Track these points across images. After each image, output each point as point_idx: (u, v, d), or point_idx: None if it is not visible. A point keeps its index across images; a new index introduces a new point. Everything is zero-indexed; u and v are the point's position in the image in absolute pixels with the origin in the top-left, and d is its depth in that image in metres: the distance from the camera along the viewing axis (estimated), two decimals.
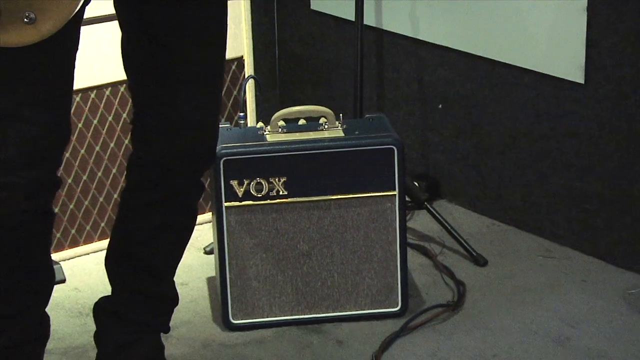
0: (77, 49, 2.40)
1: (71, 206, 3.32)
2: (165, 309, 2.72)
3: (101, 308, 2.69)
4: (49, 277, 2.55)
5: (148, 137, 2.54)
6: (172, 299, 2.72)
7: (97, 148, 3.33)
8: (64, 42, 2.33)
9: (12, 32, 2.24)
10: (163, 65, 2.47)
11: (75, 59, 2.40)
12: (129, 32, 2.51)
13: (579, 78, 3.24)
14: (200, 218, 3.47)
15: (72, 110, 3.20)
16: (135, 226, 2.61)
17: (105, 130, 3.32)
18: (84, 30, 2.53)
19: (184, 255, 3.35)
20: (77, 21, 2.34)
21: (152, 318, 2.68)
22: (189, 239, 2.68)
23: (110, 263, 2.66)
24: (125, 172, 2.65)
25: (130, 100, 2.63)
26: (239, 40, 3.53)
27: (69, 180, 3.30)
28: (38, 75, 2.32)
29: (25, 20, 2.23)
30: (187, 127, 2.50)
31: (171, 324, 2.97)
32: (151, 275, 2.64)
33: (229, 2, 3.44)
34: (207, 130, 2.55)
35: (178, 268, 3.29)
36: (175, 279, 3.24)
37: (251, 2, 3.55)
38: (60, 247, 3.33)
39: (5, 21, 2.23)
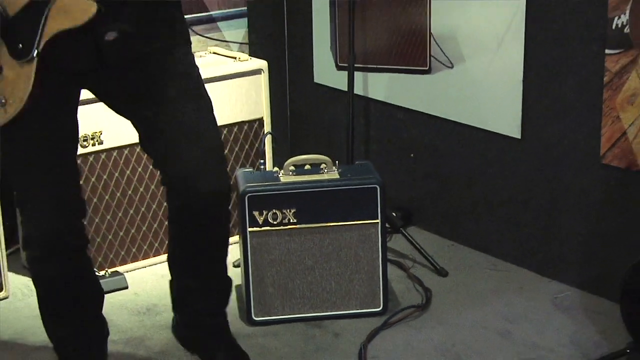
0: (73, 121, 2.29)
1: (132, 231, 3.31)
2: (218, 296, 2.60)
3: (172, 288, 2.60)
4: (97, 294, 2.50)
5: (177, 195, 2.42)
6: (225, 286, 2.61)
7: (152, 186, 3.32)
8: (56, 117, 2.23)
9: None
10: (171, 147, 2.35)
11: (72, 128, 2.29)
12: (137, 128, 2.40)
13: (517, 134, 3.23)
14: (229, 240, 3.51)
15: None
16: (181, 246, 2.52)
17: (159, 172, 3.32)
18: None
19: None
20: (66, 102, 2.25)
21: (206, 304, 2.57)
22: (227, 243, 2.55)
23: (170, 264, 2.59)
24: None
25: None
26: (260, 105, 3.52)
27: (131, 211, 3.29)
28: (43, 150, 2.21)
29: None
30: (203, 185, 2.36)
31: None
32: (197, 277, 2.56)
33: (252, 75, 3.51)
34: (217, 182, 2.39)
35: None
36: None
37: (269, 77, 3.55)
38: (124, 262, 3.32)
39: None
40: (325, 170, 3.01)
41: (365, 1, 3.56)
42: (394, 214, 3.52)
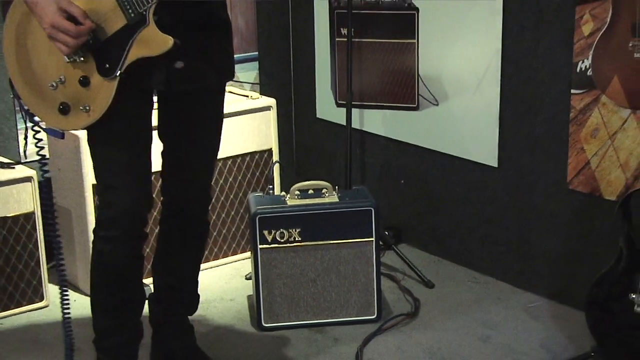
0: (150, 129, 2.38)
1: (156, 246, 3.30)
2: (188, 299, 2.67)
3: (150, 299, 2.67)
4: (142, 296, 2.52)
5: (171, 207, 2.56)
6: (195, 297, 2.68)
7: None
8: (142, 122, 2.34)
9: (74, 120, 2.25)
10: (183, 165, 2.48)
11: (148, 130, 2.37)
12: (163, 138, 2.50)
13: (494, 163, 3.24)
14: (243, 255, 3.51)
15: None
16: (171, 253, 2.60)
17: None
18: None
19: (232, 279, 3.38)
20: (145, 117, 2.34)
21: (178, 302, 2.64)
22: (203, 253, 2.66)
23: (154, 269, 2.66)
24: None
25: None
26: (269, 137, 3.51)
27: (156, 230, 3.28)
28: (128, 150, 2.30)
29: (84, 110, 2.24)
30: (192, 199, 2.53)
31: (223, 326, 2.99)
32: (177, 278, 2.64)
33: (263, 112, 3.52)
34: (204, 198, 2.57)
35: (229, 289, 3.31)
36: (225, 295, 3.24)
37: (277, 113, 3.55)
38: (149, 275, 3.31)
39: (72, 113, 2.25)
40: (327, 195, 3.01)
41: (362, 46, 3.59)
42: (386, 232, 3.52)
